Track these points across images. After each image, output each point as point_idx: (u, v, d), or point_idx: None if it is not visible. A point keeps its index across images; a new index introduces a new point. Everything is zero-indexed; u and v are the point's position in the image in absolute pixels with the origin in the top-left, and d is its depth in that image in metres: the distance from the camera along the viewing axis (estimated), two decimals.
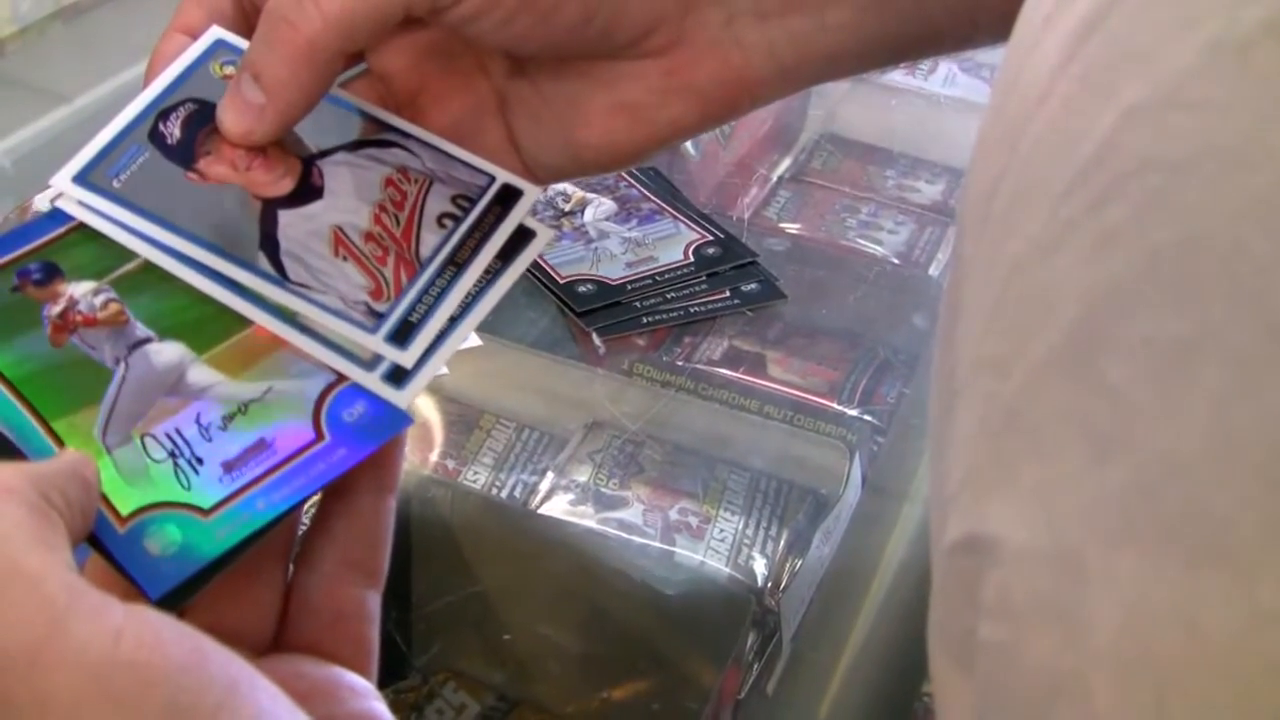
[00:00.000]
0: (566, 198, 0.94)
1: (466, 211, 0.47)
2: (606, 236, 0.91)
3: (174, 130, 0.44)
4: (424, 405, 0.77)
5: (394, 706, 0.59)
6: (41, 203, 0.42)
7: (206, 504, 0.36)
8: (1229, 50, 0.26)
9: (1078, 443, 0.28)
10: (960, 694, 0.32)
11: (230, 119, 0.43)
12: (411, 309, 0.42)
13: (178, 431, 0.37)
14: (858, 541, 0.72)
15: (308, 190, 0.46)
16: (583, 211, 0.93)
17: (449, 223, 0.47)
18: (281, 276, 0.42)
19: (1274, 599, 0.24)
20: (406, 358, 0.40)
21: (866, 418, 0.80)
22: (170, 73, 0.45)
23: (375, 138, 0.49)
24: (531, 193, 0.48)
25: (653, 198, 0.94)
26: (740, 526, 0.72)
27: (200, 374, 0.39)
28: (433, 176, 0.49)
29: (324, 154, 0.47)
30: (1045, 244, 0.29)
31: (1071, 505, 0.27)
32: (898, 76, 1.17)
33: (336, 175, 0.47)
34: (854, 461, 0.75)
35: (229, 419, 0.38)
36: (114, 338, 0.39)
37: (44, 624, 0.29)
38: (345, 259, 0.43)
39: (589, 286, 0.86)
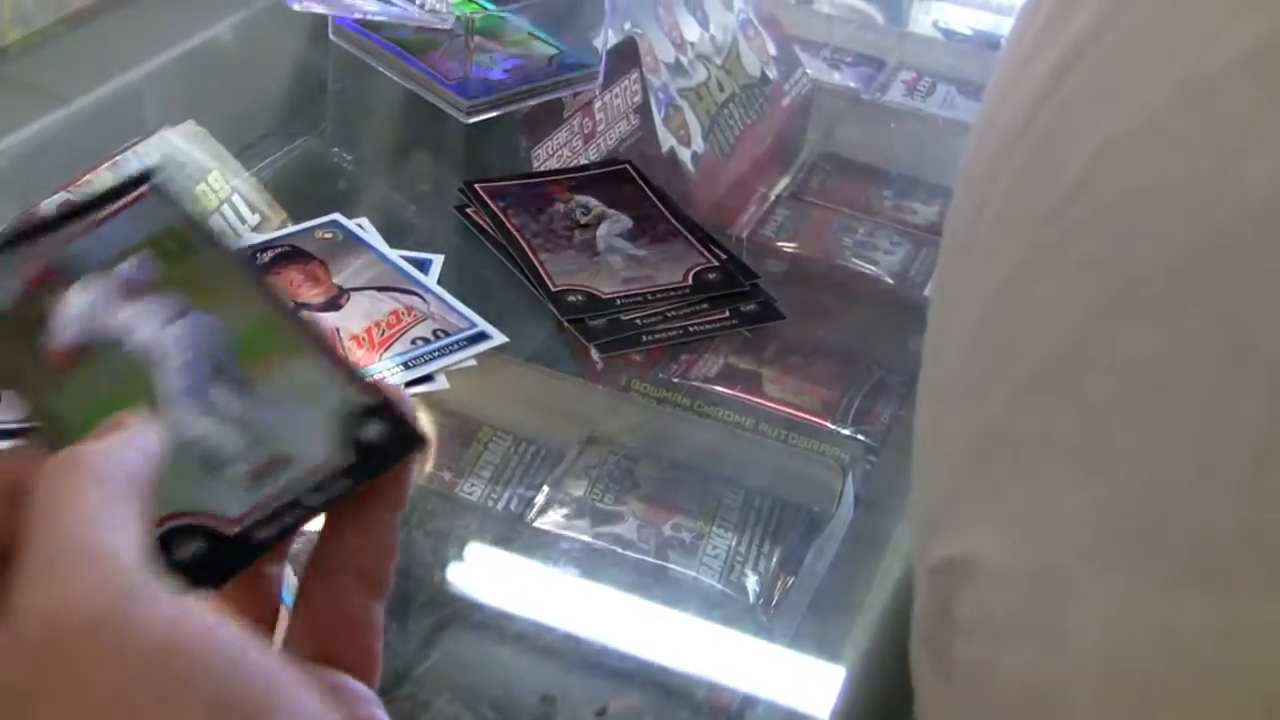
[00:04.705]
0: (586, 210, 0.94)
1: (438, 339, 0.78)
2: (613, 251, 0.91)
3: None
4: (422, 418, 0.78)
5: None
6: (48, 207, 0.42)
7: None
8: (1200, 87, 0.27)
9: (1059, 461, 0.28)
10: (941, 704, 0.32)
11: None
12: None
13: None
14: (850, 560, 0.72)
15: (331, 305, 0.80)
16: (598, 225, 0.93)
17: (420, 343, 0.78)
18: None
19: (1251, 611, 0.24)
20: None
21: (860, 437, 0.81)
22: None
23: (400, 286, 0.82)
24: (498, 338, 0.79)
25: (672, 220, 0.95)
26: (733, 543, 0.73)
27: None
28: (428, 316, 0.79)
29: (357, 289, 0.80)
30: (1026, 271, 0.30)
31: (1053, 523, 0.28)
32: (896, 97, 1.18)
33: (356, 300, 0.81)
34: (847, 480, 0.76)
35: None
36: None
37: (108, 603, 0.30)
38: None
39: (578, 297, 0.87)
